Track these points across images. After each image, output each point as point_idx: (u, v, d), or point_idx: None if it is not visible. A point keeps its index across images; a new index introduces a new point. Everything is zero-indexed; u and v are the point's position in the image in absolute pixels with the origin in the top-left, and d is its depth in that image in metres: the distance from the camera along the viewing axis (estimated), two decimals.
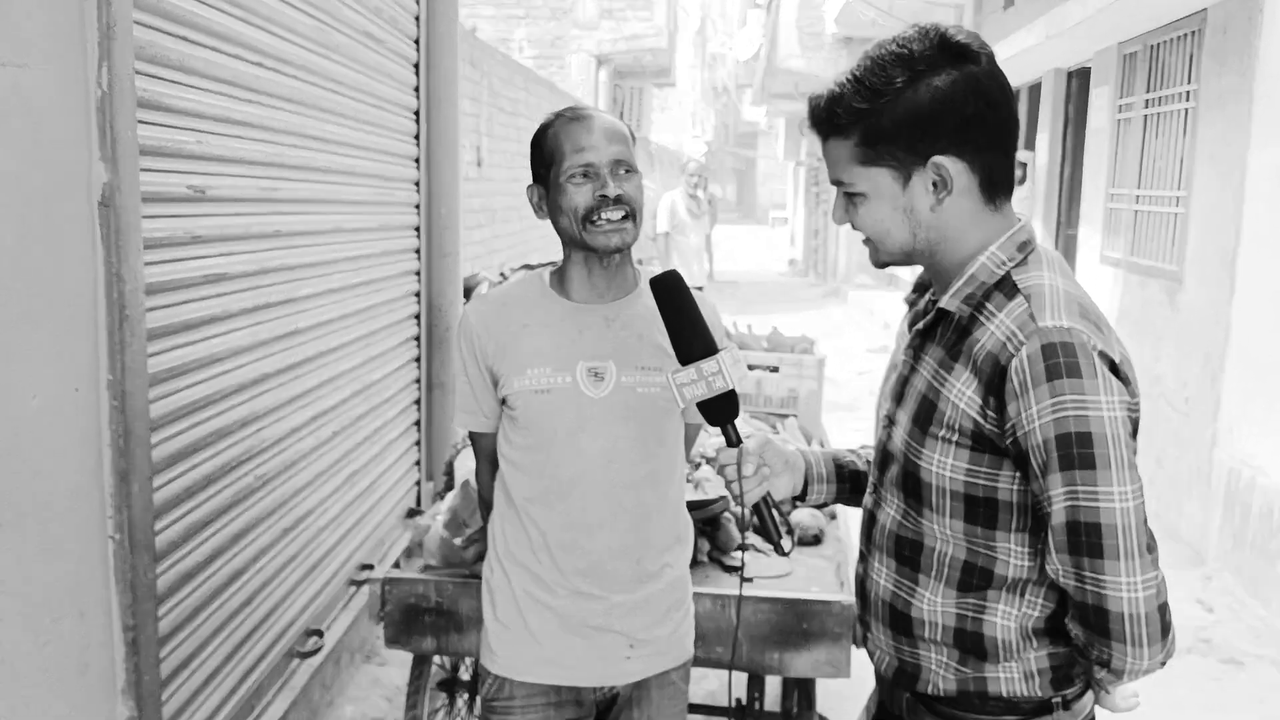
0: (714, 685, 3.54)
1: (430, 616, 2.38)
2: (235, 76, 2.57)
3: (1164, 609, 1.30)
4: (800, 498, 1.72)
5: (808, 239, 21.05)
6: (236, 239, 2.61)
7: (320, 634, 3.14)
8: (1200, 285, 5.35)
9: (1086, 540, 1.27)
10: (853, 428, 7.31)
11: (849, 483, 1.73)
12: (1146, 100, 6.31)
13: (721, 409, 1.60)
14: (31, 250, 1.83)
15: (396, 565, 2.50)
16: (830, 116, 1.39)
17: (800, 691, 2.62)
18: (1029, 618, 1.41)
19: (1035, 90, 9.08)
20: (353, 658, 3.60)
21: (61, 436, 1.91)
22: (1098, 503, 1.27)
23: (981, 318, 1.36)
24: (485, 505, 2.03)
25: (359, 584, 3.54)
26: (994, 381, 1.31)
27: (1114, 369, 1.30)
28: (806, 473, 1.70)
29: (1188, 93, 5.70)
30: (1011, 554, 1.39)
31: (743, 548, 1.87)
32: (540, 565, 1.85)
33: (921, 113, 1.33)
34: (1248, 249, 4.85)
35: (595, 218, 1.75)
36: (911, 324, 1.54)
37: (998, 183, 1.40)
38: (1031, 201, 8.87)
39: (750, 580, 2.49)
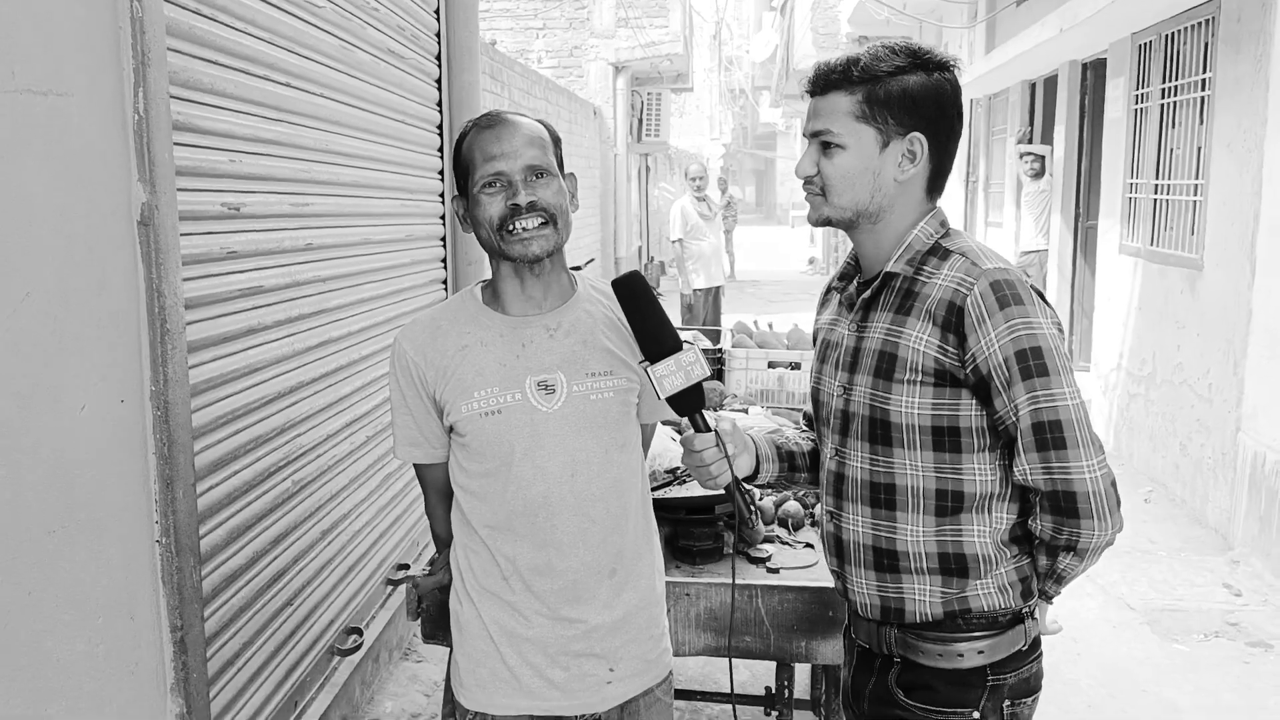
0: (744, 676, 3.61)
1: None
2: (264, 97, 2.67)
3: (1114, 484, 1.55)
4: (751, 478, 1.86)
5: (827, 236, 21.03)
6: (270, 253, 2.71)
7: (360, 632, 3.23)
8: (1220, 272, 5.35)
9: (1051, 436, 1.52)
10: None
11: (786, 462, 1.90)
12: (1162, 90, 6.31)
13: (692, 399, 1.67)
14: (77, 269, 1.93)
15: (432, 563, 2.57)
16: (845, 71, 1.60)
17: (829, 678, 2.67)
18: (999, 530, 1.63)
19: (1051, 83, 9.08)
20: (391, 655, 3.69)
21: (109, 446, 2.00)
22: (1055, 402, 1.52)
23: (922, 277, 1.62)
24: (440, 540, 1.96)
25: (396, 583, 3.63)
26: (950, 320, 1.55)
27: (1041, 297, 1.57)
28: (757, 452, 1.86)
29: (1203, 81, 5.70)
30: (977, 473, 1.61)
31: (736, 528, 1.92)
32: (513, 593, 1.77)
33: (916, 93, 1.60)
34: (1266, 234, 4.85)
35: (510, 227, 1.69)
36: (849, 305, 1.74)
37: (940, 179, 1.67)
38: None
39: (777, 571, 2.54)
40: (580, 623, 1.78)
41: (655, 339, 1.67)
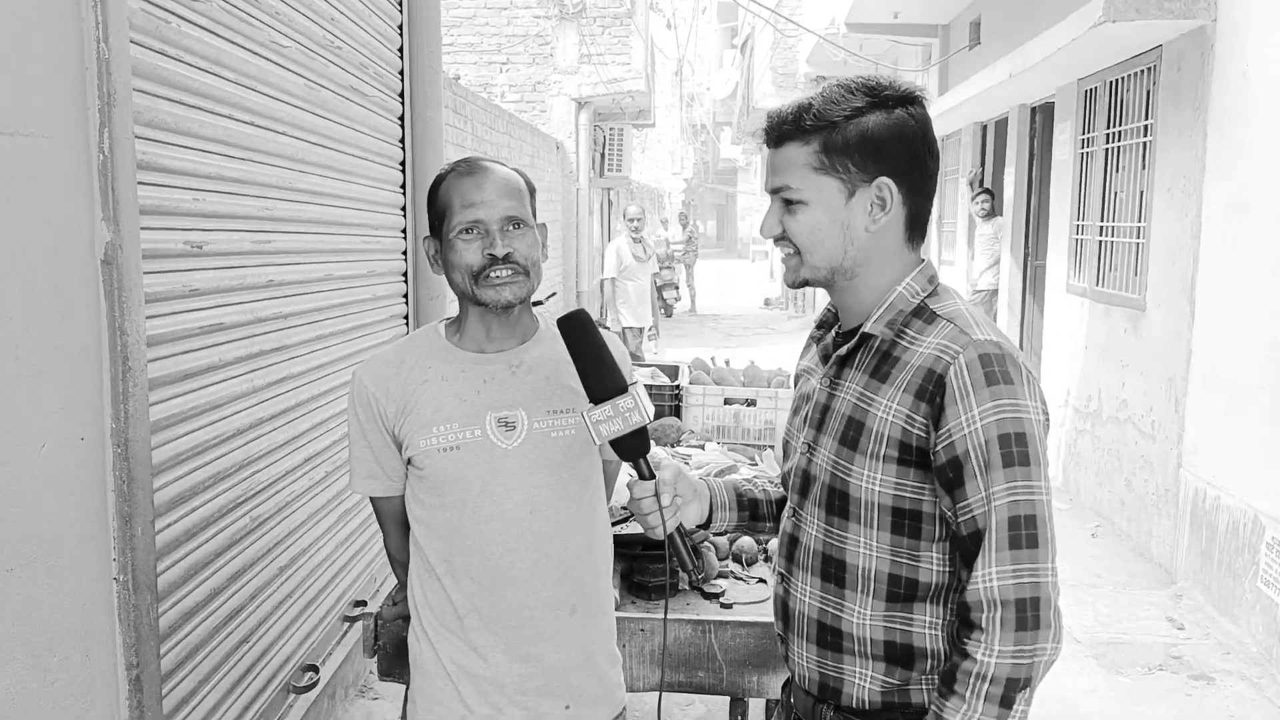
0: (700, 711, 3.63)
1: None
2: (228, 136, 2.70)
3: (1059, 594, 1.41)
4: (705, 525, 1.76)
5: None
6: (232, 290, 2.73)
7: (316, 669, 3.22)
8: (1162, 312, 5.53)
9: (1025, 533, 1.36)
10: None
11: (748, 510, 1.80)
12: (1107, 134, 6.52)
13: (634, 445, 1.60)
14: (40, 307, 1.94)
15: (390, 601, 2.59)
16: (797, 120, 1.47)
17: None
18: (952, 625, 1.48)
19: (1002, 125, 9.33)
20: (347, 692, 3.68)
21: (68, 483, 2.00)
22: (1032, 496, 1.37)
23: (904, 341, 1.47)
24: (402, 567, 1.95)
25: (353, 620, 3.62)
26: (926, 390, 1.40)
27: (1032, 380, 1.42)
28: (711, 500, 1.76)
29: (1145, 127, 5.91)
30: (934, 562, 1.47)
31: (683, 570, 1.74)
32: (470, 631, 1.76)
33: (878, 135, 1.46)
34: (1205, 277, 5.03)
35: (486, 274, 1.71)
36: (825, 356, 1.63)
37: (919, 224, 1.53)
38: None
39: (731, 606, 2.59)
40: (538, 661, 1.77)
41: (596, 381, 1.62)
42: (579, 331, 1.65)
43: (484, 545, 1.75)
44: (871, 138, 1.45)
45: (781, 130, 1.50)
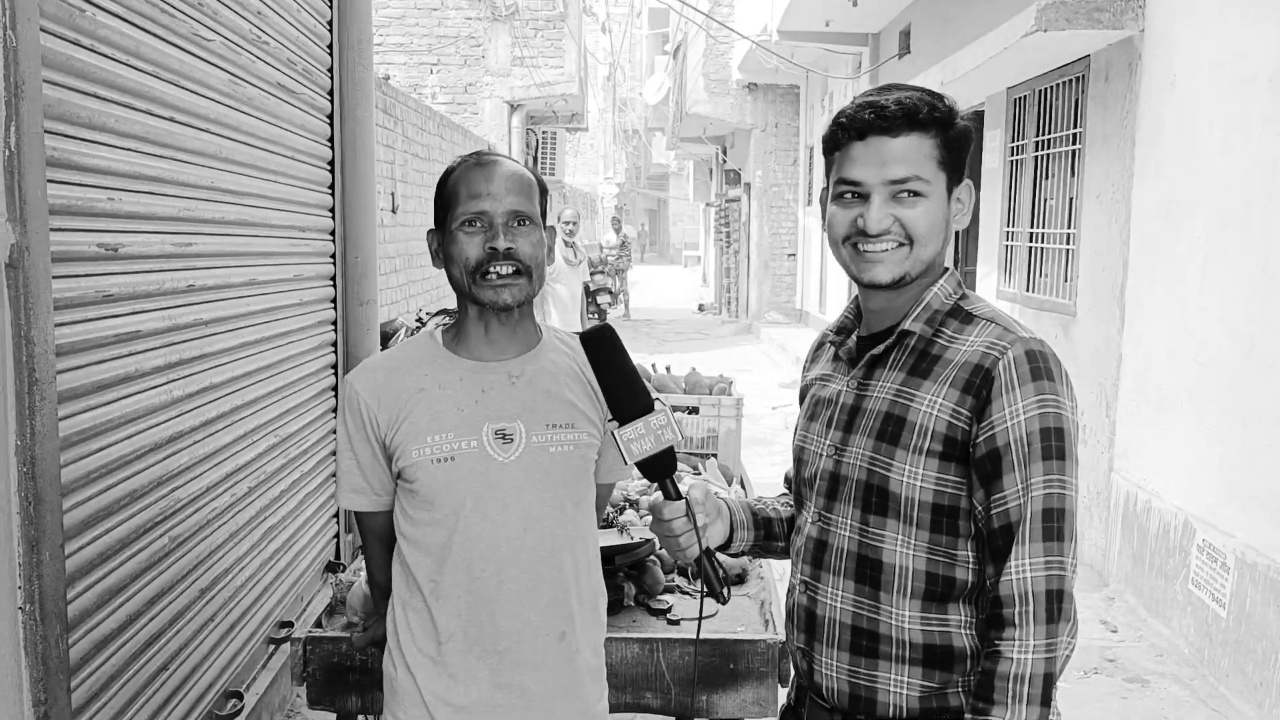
0: None
1: (354, 675, 2.35)
2: (147, 132, 2.55)
3: None
4: (724, 545, 1.72)
5: (719, 278, 21.39)
6: (149, 296, 2.58)
7: (240, 696, 3.07)
8: (1092, 318, 5.62)
9: (1056, 525, 1.39)
10: (769, 462, 7.43)
11: (763, 529, 1.76)
12: (1037, 142, 6.62)
13: (662, 464, 1.56)
14: None
15: (318, 623, 2.46)
16: (929, 110, 1.47)
17: None
18: (983, 623, 1.46)
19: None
20: (273, 718, 3.51)
21: None
22: (1065, 490, 1.40)
23: (942, 340, 1.50)
24: (382, 591, 1.85)
25: (278, 642, 3.46)
26: (974, 384, 1.43)
27: (1068, 379, 1.47)
28: (731, 520, 1.72)
29: (1074, 135, 6.01)
30: (970, 560, 1.47)
31: (701, 597, 1.68)
32: (450, 656, 1.68)
33: (968, 139, 1.52)
34: (1135, 283, 5.12)
35: (485, 270, 1.65)
36: (851, 360, 1.61)
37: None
38: None
39: (678, 623, 2.51)
40: (522, 691, 1.70)
41: (625, 399, 1.56)
42: (606, 348, 1.60)
43: (473, 564, 1.67)
44: (968, 140, 1.52)
45: (907, 118, 1.46)
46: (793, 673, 1.70)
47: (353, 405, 1.71)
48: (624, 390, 1.57)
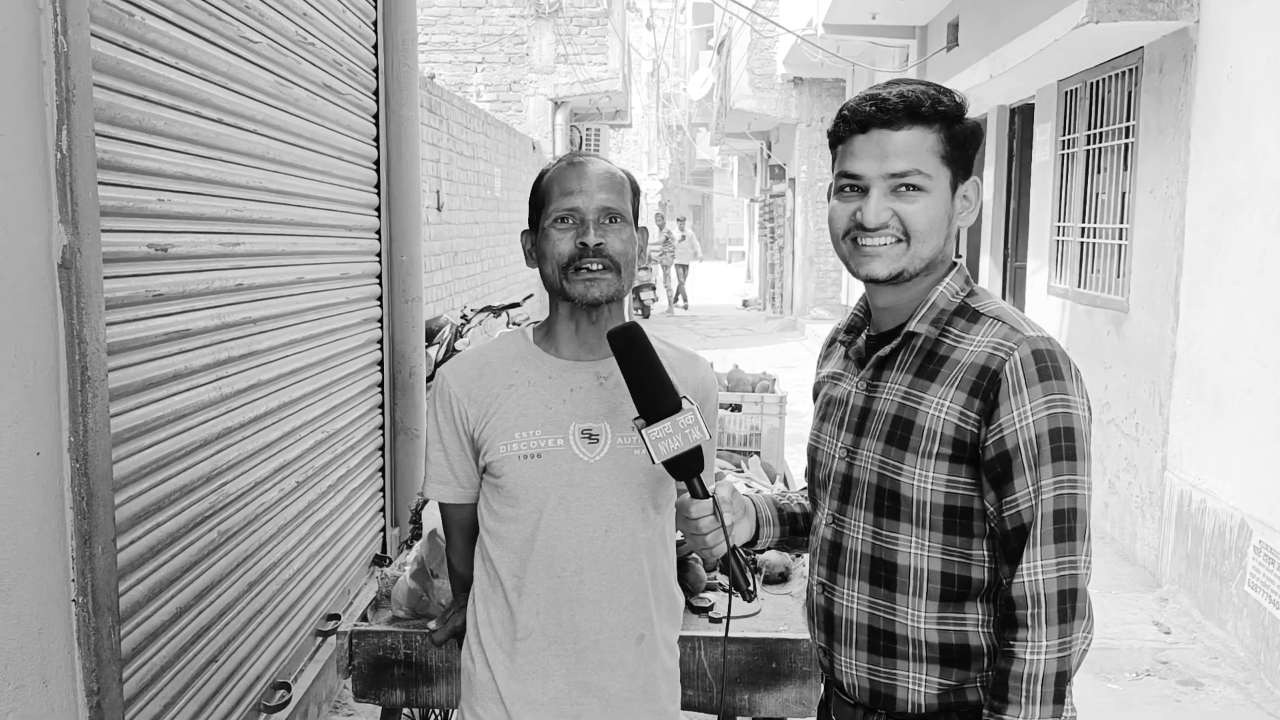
0: None
1: (399, 669, 2.37)
2: (195, 134, 2.59)
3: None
4: (751, 542, 1.73)
5: (764, 273, 21.29)
6: (198, 295, 2.62)
7: (288, 687, 3.11)
8: (1145, 314, 5.50)
9: (1069, 525, 1.39)
10: None
11: (788, 525, 1.78)
12: (1088, 136, 6.50)
13: (689, 463, 1.56)
14: None
15: (364, 617, 2.49)
16: (932, 104, 1.46)
17: None
18: (998, 622, 1.47)
19: (980, 127, 9.31)
20: (320, 709, 3.56)
21: (23, 501, 1.89)
22: (1077, 489, 1.40)
23: (949, 340, 1.49)
24: (462, 583, 1.88)
25: (325, 635, 3.51)
26: (981, 386, 1.42)
27: (1078, 375, 1.45)
28: (756, 516, 1.73)
29: (1127, 128, 5.89)
30: (985, 559, 1.47)
31: (730, 595, 1.69)
32: (529, 654, 1.70)
33: (976, 134, 1.51)
34: (1189, 279, 5.00)
35: (576, 266, 1.66)
36: (859, 361, 1.60)
37: None
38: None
39: (720, 621, 2.51)
40: (600, 690, 1.71)
41: (652, 398, 1.55)
42: (633, 345, 1.59)
43: (555, 561, 1.69)
44: (975, 137, 1.50)
45: (909, 111, 1.45)
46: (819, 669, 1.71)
47: (444, 398, 1.74)
48: (651, 389, 1.57)
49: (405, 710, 2.65)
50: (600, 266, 1.67)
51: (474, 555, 1.81)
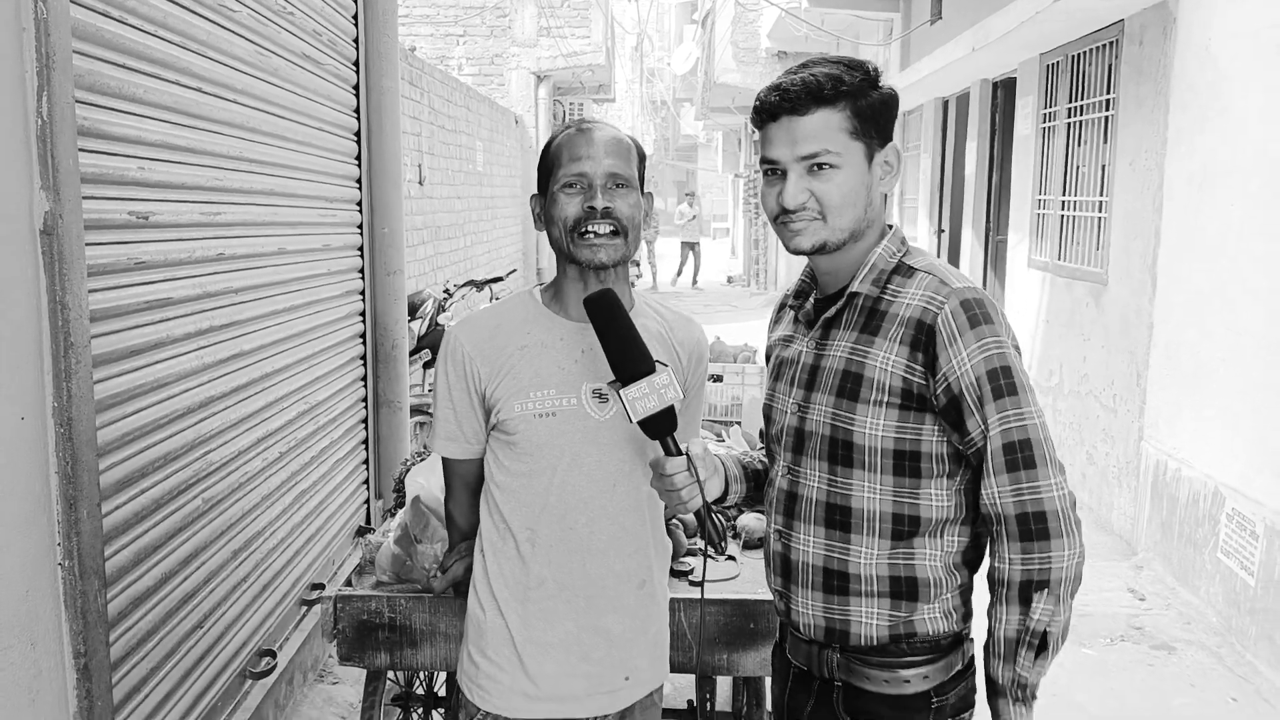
0: (667, 690, 3.60)
1: (384, 632, 2.40)
2: (176, 102, 2.58)
3: (1075, 505, 1.54)
4: (720, 499, 1.81)
5: (748, 249, 21.29)
6: (180, 264, 2.62)
7: (273, 654, 3.14)
8: (1123, 286, 5.56)
9: (1021, 455, 1.51)
10: None
11: (753, 481, 1.87)
12: (1069, 109, 6.53)
13: (663, 422, 1.64)
14: None
15: (348, 583, 2.51)
16: (833, 86, 1.55)
17: (750, 690, 2.68)
18: (950, 554, 1.63)
19: (963, 100, 9.33)
20: (305, 677, 3.60)
21: (8, 465, 1.91)
22: (1024, 421, 1.51)
23: (888, 296, 1.60)
24: (460, 534, 1.97)
25: (310, 603, 3.54)
26: (920, 340, 1.54)
27: (1003, 316, 1.58)
28: (725, 474, 1.81)
29: (1107, 101, 5.92)
30: (934, 499, 1.60)
31: (705, 553, 1.82)
32: (542, 599, 1.80)
33: (887, 103, 1.61)
34: (1167, 251, 5.06)
35: (583, 229, 1.72)
36: (809, 323, 1.72)
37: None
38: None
39: (700, 584, 2.54)
40: (605, 632, 1.82)
41: (628, 360, 1.64)
42: (608, 311, 1.67)
43: (567, 514, 1.78)
44: (887, 106, 1.60)
45: (819, 95, 1.55)
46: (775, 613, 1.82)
47: (455, 357, 1.80)
48: (628, 352, 1.64)
49: (389, 673, 2.68)
50: (609, 230, 1.73)
51: (477, 508, 1.88)
